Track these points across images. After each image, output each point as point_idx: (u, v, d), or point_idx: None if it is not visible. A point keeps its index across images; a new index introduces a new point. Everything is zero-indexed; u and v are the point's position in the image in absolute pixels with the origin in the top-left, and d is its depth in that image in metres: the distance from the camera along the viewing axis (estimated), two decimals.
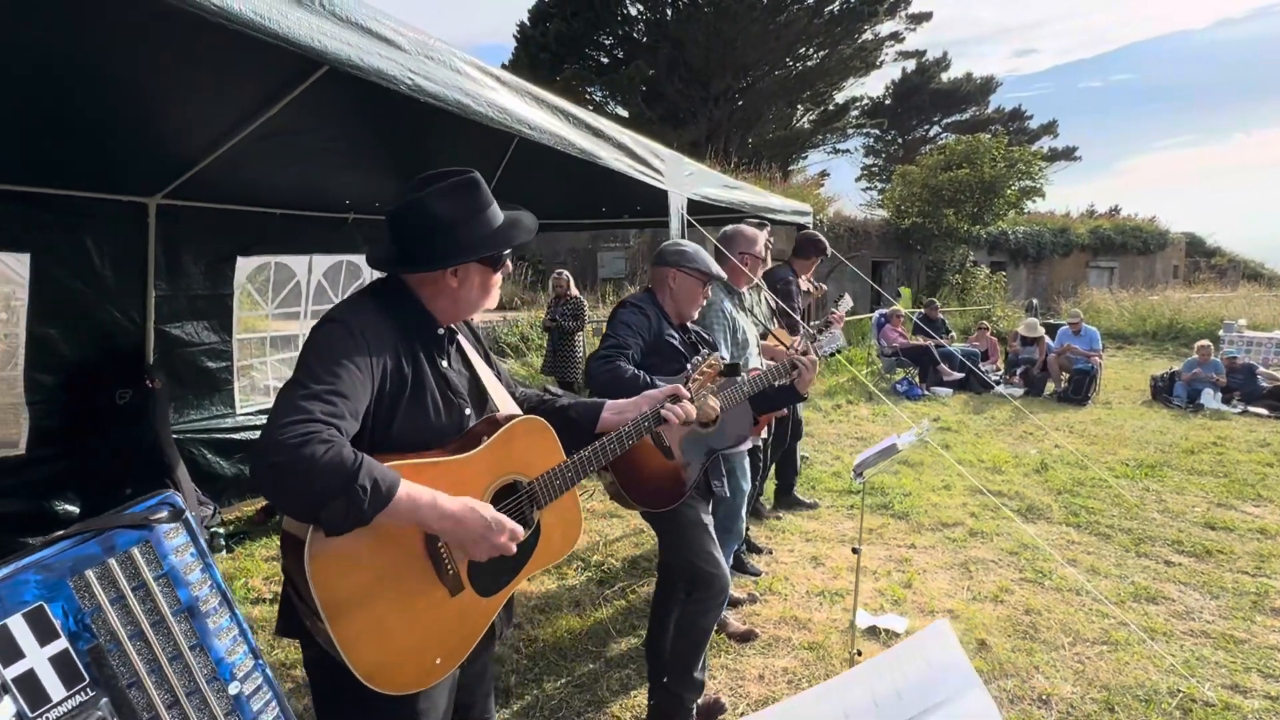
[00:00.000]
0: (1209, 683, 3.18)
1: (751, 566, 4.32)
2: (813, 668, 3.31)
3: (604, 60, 28.73)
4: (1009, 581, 4.18)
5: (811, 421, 8.38)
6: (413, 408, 1.50)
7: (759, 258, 3.64)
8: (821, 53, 29.08)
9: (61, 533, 0.94)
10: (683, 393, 1.91)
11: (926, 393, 10.42)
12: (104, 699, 0.92)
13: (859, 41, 29.39)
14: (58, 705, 0.89)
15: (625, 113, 28.53)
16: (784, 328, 4.13)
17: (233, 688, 1.06)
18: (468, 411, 1.63)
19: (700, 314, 3.26)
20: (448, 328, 1.67)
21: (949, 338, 11.61)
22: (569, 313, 7.90)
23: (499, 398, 1.74)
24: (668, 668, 2.78)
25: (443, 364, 1.61)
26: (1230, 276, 27.73)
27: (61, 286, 4.16)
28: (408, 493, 1.32)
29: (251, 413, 5.35)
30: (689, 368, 2.05)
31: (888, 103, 35.90)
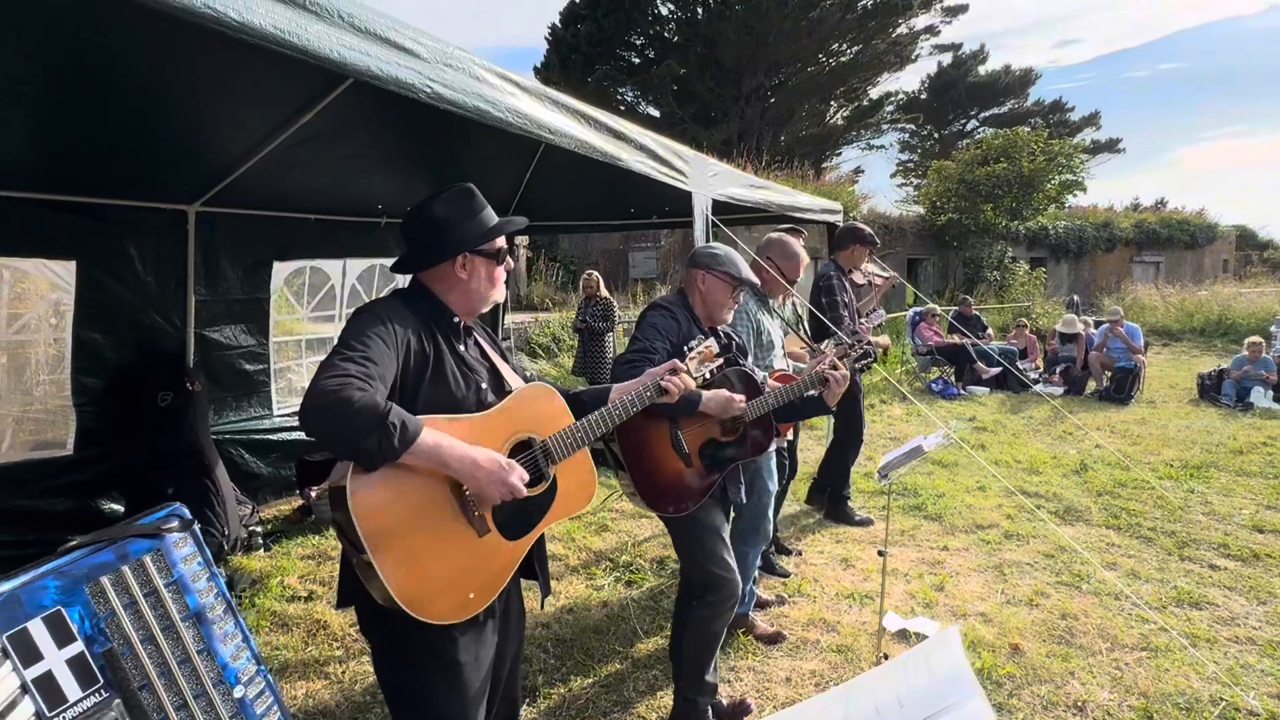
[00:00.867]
0: (1254, 691, 3.08)
1: (780, 568, 4.30)
2: (841, 670, 3.28)
3: (635, 60, 28.75)
4: (1045, 585, 4.10)
5: None
6: (436, 379, 1.70)
7: (794, 273, 3.59)
8: (855, 48, 28.74)
9: (77, 541, 0.98)
10: (679, 366, 2.07)
11: (962, 392, 10.24)
12: (117, 700, 0.95)
13: (893, 36, 28.96)
14: (73, 706, 0.92)
15: (657, 113, 28.52)
16: (809, 334, 4.08)
17: (238, 691, 1.10)
18: (484, 385, 1.81)
19: None
20: (464, 324, 1.86)
21: (985, 336, 11.39)
22: (599, 313, 7.94)
23: (515, 384, 1.92)
24: (681, 671, 2.79)
25: (460, 348, 1.81)
26: None
27: (106, 292, 4.30)
28: (432, 435, 1.51)
29: (288, 414, 5.48)
30: (685, 350, 2.18)
31: (923, 97, 35.36)
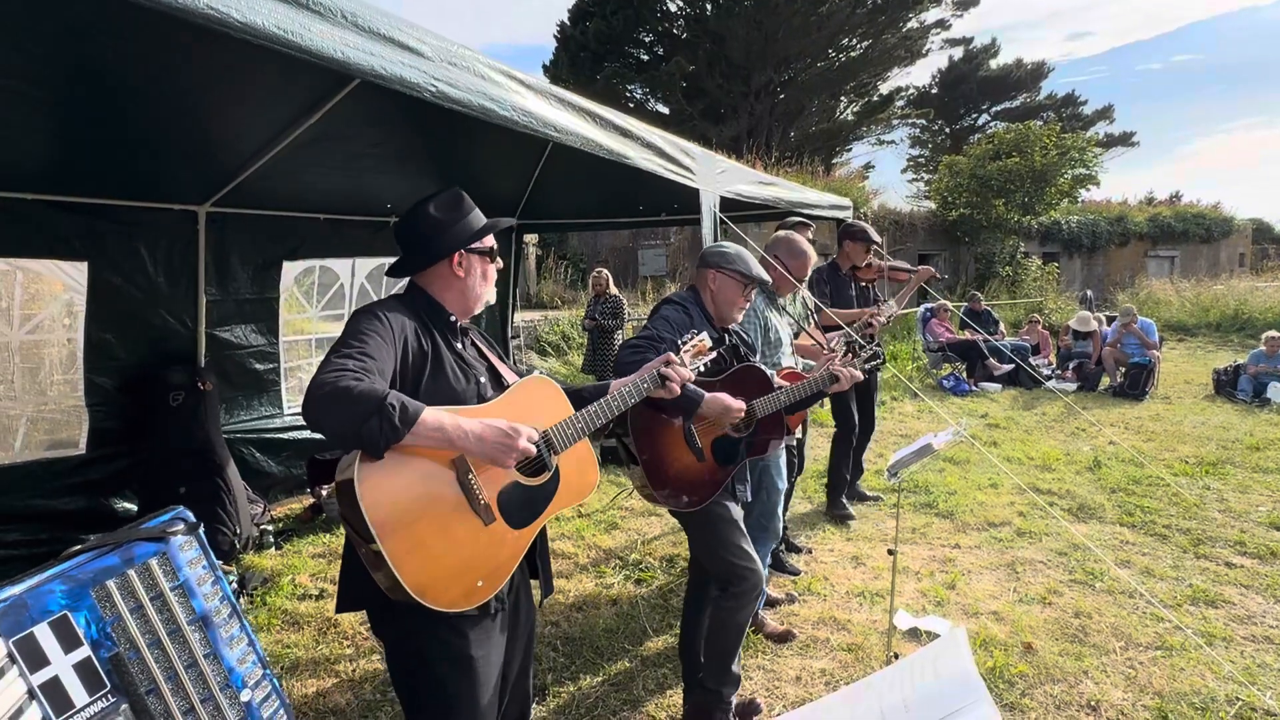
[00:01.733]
0: (1270, 691, 3.05)
1: (791, 566, 4.28)
2: (851, 669, 3.26)
3: (644, 57, 28.71)
4: (1058, 583, 4.07)
5: None
6: (436, 375, 1.73)
7: (802, 272, 3.58)
8: (865, 43, 28.59)
9: (81, 545, 0.98)
10: (673, 359, 2.11)
11: (974, 388, 10.18)
12: (124, 705, 0.95)
13: (903, 30, 28.80)
14: (81, 711, 0.92)
15: (666, 109, 28.48)
16: (820, 327, 4.06)
17: (244, 695, 1.10)
18: (484, 380, 1.84)
19: None
20: (461, 324, 1.90)
21: (997, 332, 11.31)
22: (608, 311, 7.93)
23: (513, 382, 1.94)
24: (704, 665, 2.78)
25: (457, 345, 1.85)
26: None
27: (118, 293, 4.33)
28: (433, 414, 1.52)
29: (298, 413, 5.49)
30: (678, 343, 2.22)
31: (934, 92, 35.17)
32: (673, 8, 27.63)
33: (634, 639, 3.55)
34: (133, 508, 4.41)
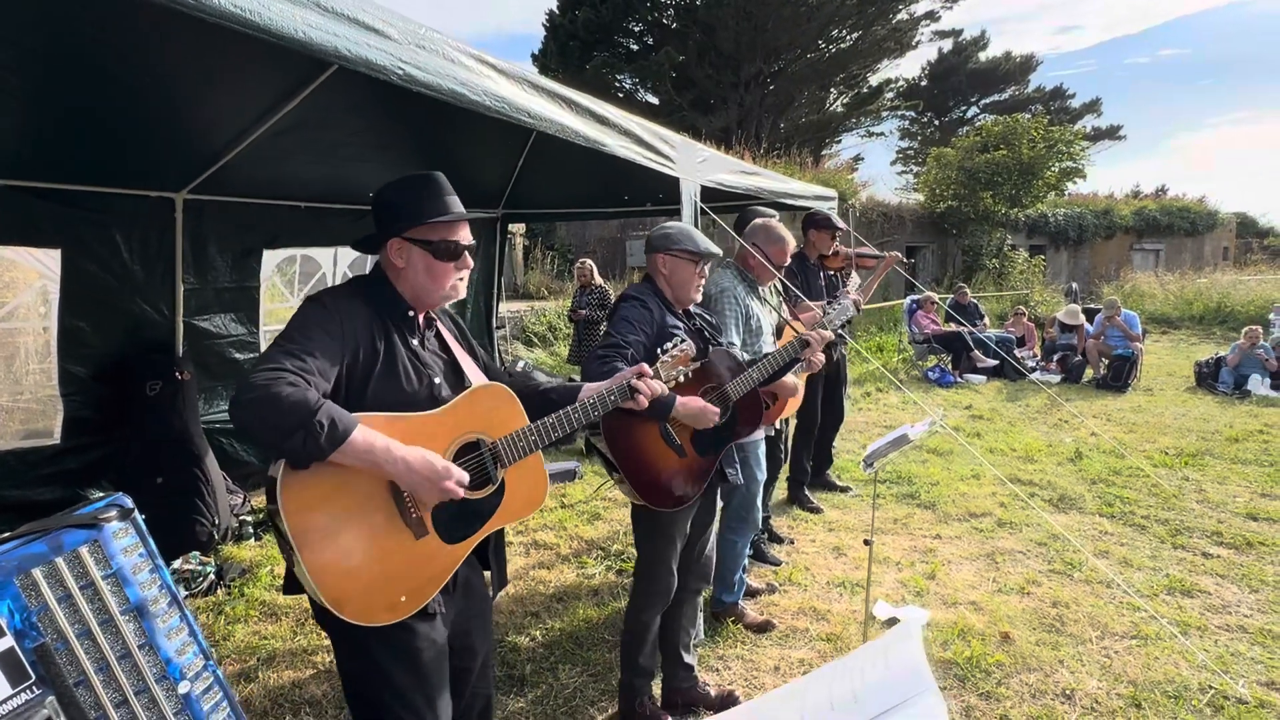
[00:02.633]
0: (1243, 679, 3.08)
1: (772, 556, 4.29)
2: (829, 659, 3.27)
3: (633, 47, 28.52)
4: (1036, 573, 4.09)
5: None
6: (385, 375, 1.64)
7: (781, 257, 3.53)
8: (854, 34, 28.49)
9: (9, 533, 0.95)
10: (646, 370, 1.98)
11: (959, 380, 10.22)
12: (50, 697, 0.92)
13: (893, 21, 28.70)
14: (3, 703, 0.89)
15: (655, 100, 28.33)
16: (795, 315, 4.03)
17: (182, 687, 1.07)
18: (438, 381, 1.74)
19: (712, 301, 3.23)
20: (424, 315, 1.81)
21: (981, 324, 11.35)
22: (594, 302, 7.90)
23: (477, 380, 1.84)
24: (621, 655, 2.88)
25: (414, 341, 1.74)
26: None
27: (92, 281, 4.26)
28: (364, 435, 1.45)
29: None
30: (659, 352, 2.11)
31: (923, 84, 35.14)
32: None
33: (614, 629, 3.54)
34: None
